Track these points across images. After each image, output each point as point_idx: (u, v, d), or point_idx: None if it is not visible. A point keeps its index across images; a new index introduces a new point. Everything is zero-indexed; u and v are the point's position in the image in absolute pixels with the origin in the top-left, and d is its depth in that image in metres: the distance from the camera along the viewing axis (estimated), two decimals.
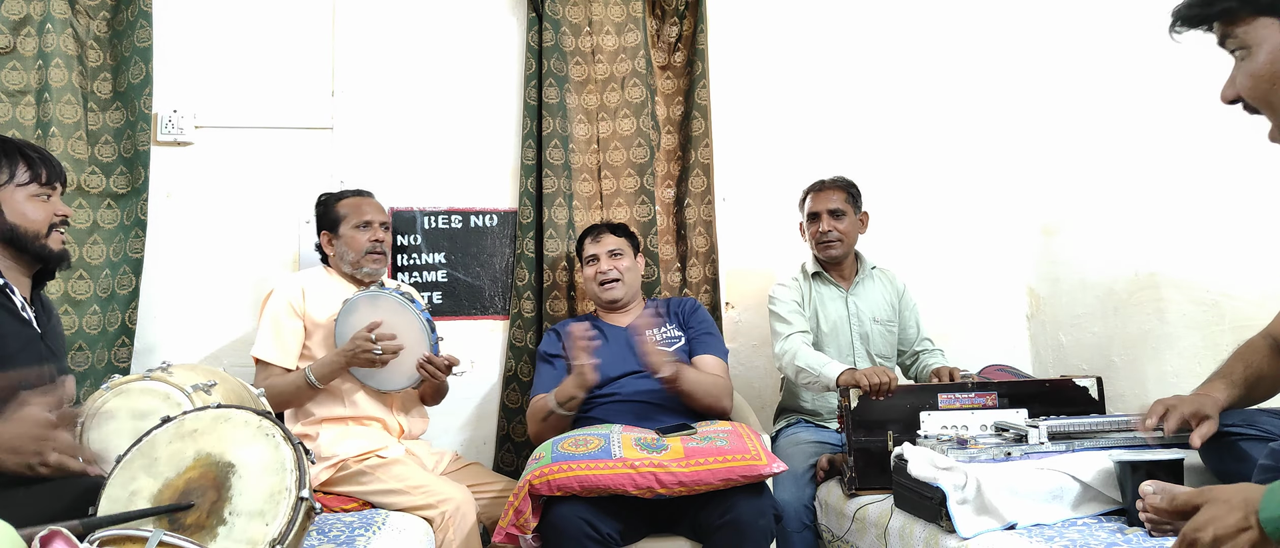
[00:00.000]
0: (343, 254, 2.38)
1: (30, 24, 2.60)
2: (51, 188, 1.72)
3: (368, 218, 2.39)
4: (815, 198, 2.55)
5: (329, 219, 2.41)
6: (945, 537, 1.64)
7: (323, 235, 2.43)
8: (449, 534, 2.06)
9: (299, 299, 2.32)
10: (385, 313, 2.23)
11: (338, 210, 2.40)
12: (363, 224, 2.37)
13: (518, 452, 2.73)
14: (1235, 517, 1.03)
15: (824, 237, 2.51)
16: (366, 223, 2.38)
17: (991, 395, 2.06)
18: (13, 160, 1.67)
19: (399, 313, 2.24)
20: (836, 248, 2.53)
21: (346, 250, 2.37)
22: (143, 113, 2.64)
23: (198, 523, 1.33)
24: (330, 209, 2.42)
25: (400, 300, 2.24)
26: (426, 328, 2.25)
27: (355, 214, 2.38)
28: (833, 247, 2.52)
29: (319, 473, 2.18)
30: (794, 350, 2.36)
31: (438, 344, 2.27)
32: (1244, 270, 2.12)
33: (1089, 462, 1.63)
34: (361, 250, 2.36)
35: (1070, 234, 2.79)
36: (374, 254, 2.38)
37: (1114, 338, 2.57)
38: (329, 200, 2.44)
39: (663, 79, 2.95)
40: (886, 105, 3.02)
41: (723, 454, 1.91)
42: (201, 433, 1.43)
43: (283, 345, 2.29)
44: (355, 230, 2.37)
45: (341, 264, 2.40)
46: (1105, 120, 2.59)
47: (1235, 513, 1.03)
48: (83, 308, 2.56)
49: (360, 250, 2.36)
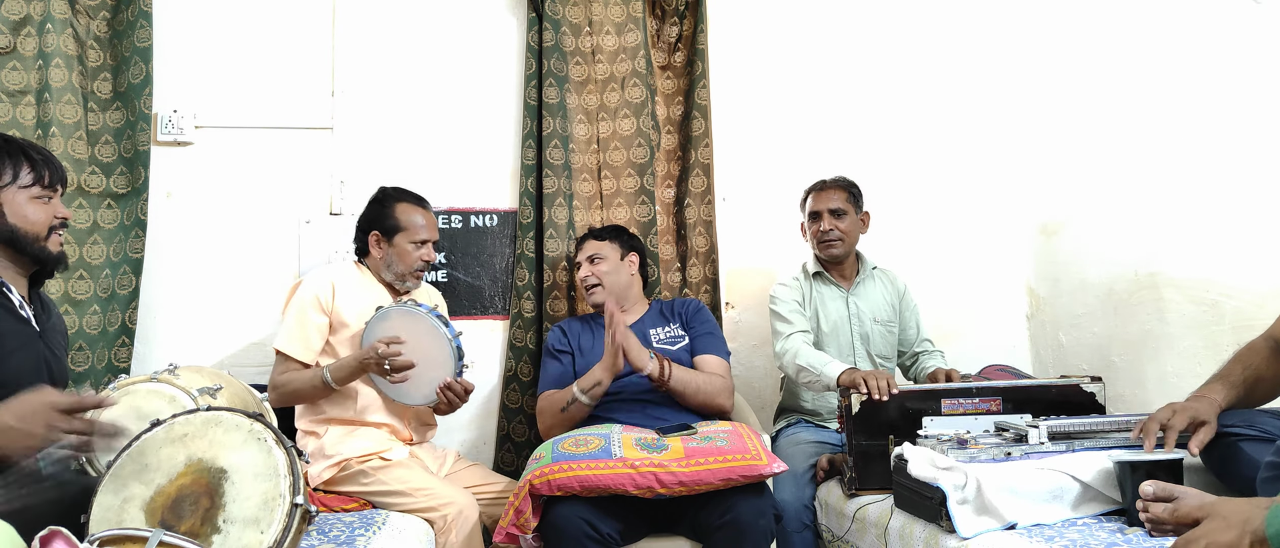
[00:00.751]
0: (390, 263, 2.34)
1: (30, 24, 2.60)
2: (53, 190, 1.71)
3: (425, 236, 2.34)
4: (816, 197, 2.55)
5: (384, 222, 2.34)
6: (945, 537, 1.64)
7: (372, 235, 2.36)
8: (451, 538, 2.06)
9: (329, 295, 2.28)
10: (418, 331, 2.18)
11: (396, 217, 2.33)
12: (420, 242, 2.34)
13: (518, 452, 2.73)
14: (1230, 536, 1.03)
15: (825, 236, 2.51)
16: (423, 241, 2.34)
17: (996, 401, 2.05)
18: (16, 161, 1.67)
19: (431, 333, 2.19)
20: (837, 247, 2.52)
21: (396, 261, 2.33)
22: (143, 113, 2.64)
23: (191, 531, 1.32)
24: (387, 211, 2.35)
25: (435, 322, 2.19)
26: (454, 354, 2.20)
27: (414, 229, 2.33)
28: (834, 246, 2.52)
29: (321, 471, 2.17)
30: (795, 349, 2.36)
31: (463, 370, 2.23)
32: (1244, 270, 2.12)
33: (1089, 462, 1.63)
34: (411, 267, 2.33)
35: (1070, 234, 2.79)
36: (421, 273, 2.36)
37: (1114, 338, 2.57)
38: (386, 200, 2.37)
39: (663, 79, 2.95)
40: (886, 105, 3.02)
41: (723, 454, 1.91)
42: (192, 438, 1.42)
43: (306, 340, 2.25)
44: (412, 246, 2.33)
45: (383, 271, 2.35)
46: (1105, 120, 2.59)
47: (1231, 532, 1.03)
48: (83, 308, 2.56)
49: (410, 267, 2.33)
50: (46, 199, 1.70)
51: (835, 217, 2.51)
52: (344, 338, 2.28)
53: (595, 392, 2.25)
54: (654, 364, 2.23)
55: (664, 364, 2.24)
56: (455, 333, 2.21)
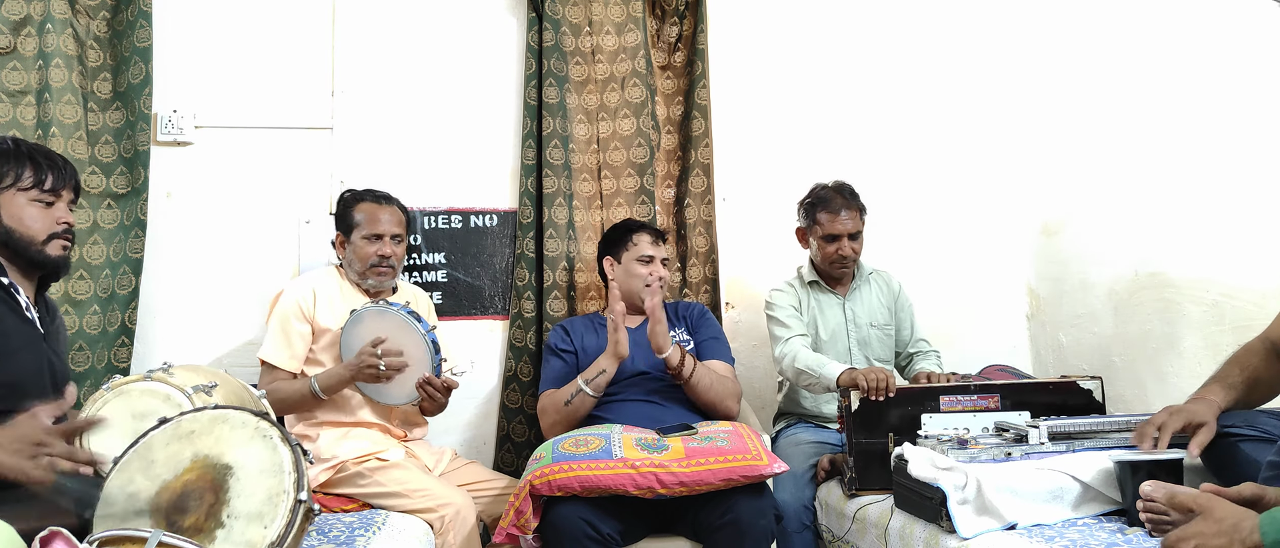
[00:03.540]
0: (350, 262, 2.35)
1: (30, 24, 2.60)
2: (55, 194, 1.69)
3: (379, 231, 2.31)
4: (834, 220, 2.46)
5: (345, 221, 2.36)
6: (945, 537, 1.64)
7: (336, 236, 2.38)
8: (449, 538, 2.06)
9: (309, 303, 2.29)
10: (390, 329, 2.19)
11: (354, 214, 2.34)
12: (373, 236, 2.31)
13: (518, 452, 2.73)
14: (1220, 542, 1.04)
15: (842, 260, 2.48)
16: (377, 236, 2.31)
17: (994, 398, 2.06)
18: (19, 164, 1.66)
19: (403, 330, 2.19)
20: (851, 267, 2.53)
21: (353, 259, 2.33)
22: (143, 113, 2.64)
23: (196, 526, 1.32)
24: (348, 211, 2.35)
25: (406, 318, 2.20)
26: (430, 349, 2.19)
27: (368, 223, 2.31)
28: (848, 266, 2.52)
29: (318, 474, 2.17)
30: (794, 353, 2.35)
31: (440, 366, 2.22)
32: (1245, 271, 2.12)
33: (1089, 462, 1.63)
34: (366, 262, 2.31)
35: (1071, 234, 2.79)
36: (379, 269, 2.31)
37: (1114, 338, 2.57)
38: (349, 200, 2.38)
39: (663, 79, 2.95)
40: (886, 104, 3.02)
41: (723, 454, 1.91)
42: (199, 434, 1.42)
43: (290, 349, 2.27)
44: (364, 241, 2.31)
45: (348, 271, 2.37)
46: (1106, 120, 2.59)
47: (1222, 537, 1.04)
48: (83, 308, 2.55)
49: (365, 262, 2.31)
50: (47, 204, 1.68)
51: (853, 240, 2.48)
52: (324, 344, 2.29)
53: (599, 382, 2.25)
54: (675, 351, 2.24)
55: (684, 352, 2.26)
56: (429, 328, 2.21)
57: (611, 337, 2.25)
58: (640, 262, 2.47)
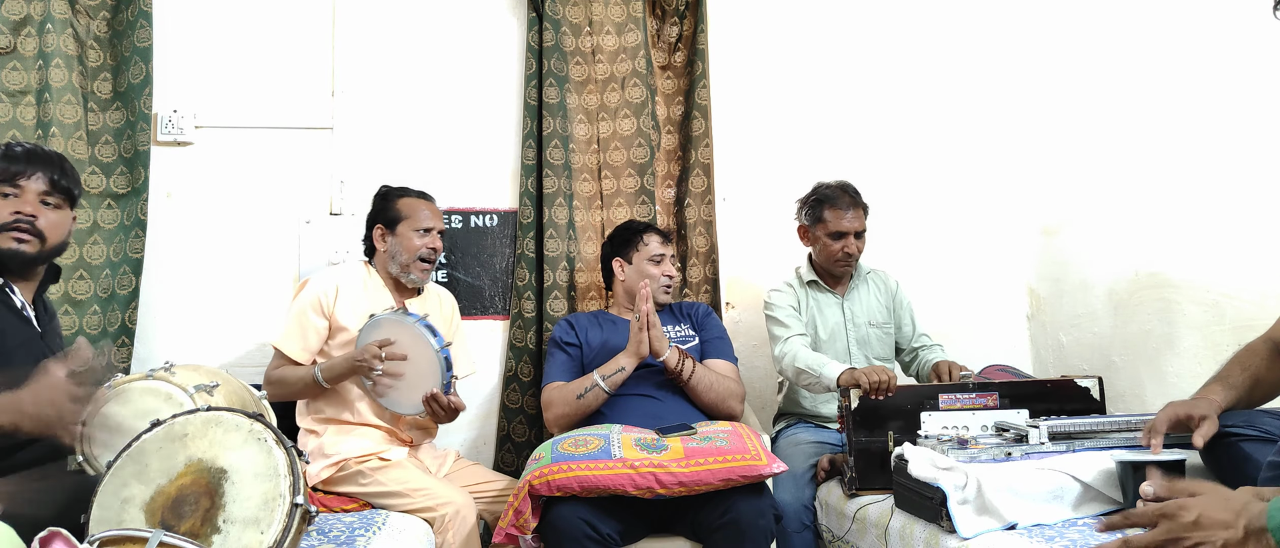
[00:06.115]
0: (394, 253, 2.35)
1: (30, 24, 2.60)
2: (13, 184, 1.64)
3: (428, 225, 2.36)
4: (840, 217, 2.47)
5: (386, 215, 2.37)
6: (945, 537, 1.64)
7: (376, 229, 2.39)
8: (448, 538, 2.05)
9: (330, 298, 2.29)
10: (406, 340, 2.18)
11: (398, 208, 2.37)
12: (423, 230, 2.35)
13: (518, 452, 2.73)
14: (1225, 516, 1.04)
15: (847, 258, 2.49)
16: (426, 229, 2.35)
17: (992, 396, 2.06)
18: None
19: (417, 343, 2.18)
20: (853, 265, 2.53)
21: (399, 250, 2.34)
22: (143, 113, 2.64)
23: (192, 531, 1.31)
24: (389, 205, 2.38)
25: (422, 332, 2.19)
26: (442, 366, 2.18)
27: (416, 217, 2.35)
28: (851, 265, 2.52)
29: (320, 471, 2.17)
30: (794, 353, 2.35)
31: (451, 384, 2.21)
32: (1245, 271, 2.12)
33: (1090, 462, 1.63)
34: (414, 253, 2.34)
35: (1071, 234, 2.79)
36: (425, 262, 2.36)
37: (1114, 338, 2.57)
38: (389, 195, 2.41)
39: (663, 79, 2.95)
40: (887, 105, 3.02)
41: (723, 454, 1.91)
42: (192, 438, 1.41)
43: (304, 341, 2.27)
44: (413, 233, 2.34)
45: (389, 263, 2.37)
46: (1106, 120, 2.59)
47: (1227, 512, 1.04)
48: (83, 308, 2.55)
49: (413, 253, 2.34)
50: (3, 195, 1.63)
51: (858, 238, 2.49)
52: (339, 342, 2.29)
53: (617, 379, 2.27)
54: (673, 353, 2.27)
55: (682, 355, 2.29)
56: (444, 344, 2.19)
57: (634, 336, 2.27)
58: (652, 261, 2.50)
